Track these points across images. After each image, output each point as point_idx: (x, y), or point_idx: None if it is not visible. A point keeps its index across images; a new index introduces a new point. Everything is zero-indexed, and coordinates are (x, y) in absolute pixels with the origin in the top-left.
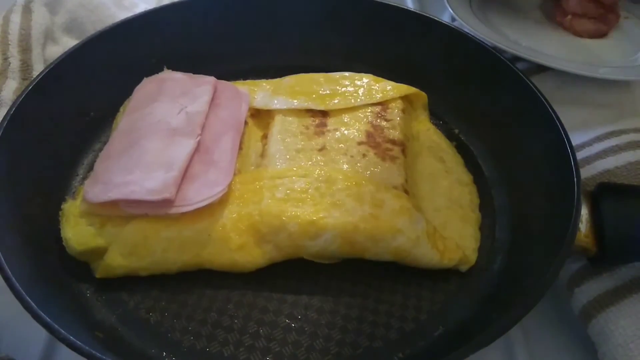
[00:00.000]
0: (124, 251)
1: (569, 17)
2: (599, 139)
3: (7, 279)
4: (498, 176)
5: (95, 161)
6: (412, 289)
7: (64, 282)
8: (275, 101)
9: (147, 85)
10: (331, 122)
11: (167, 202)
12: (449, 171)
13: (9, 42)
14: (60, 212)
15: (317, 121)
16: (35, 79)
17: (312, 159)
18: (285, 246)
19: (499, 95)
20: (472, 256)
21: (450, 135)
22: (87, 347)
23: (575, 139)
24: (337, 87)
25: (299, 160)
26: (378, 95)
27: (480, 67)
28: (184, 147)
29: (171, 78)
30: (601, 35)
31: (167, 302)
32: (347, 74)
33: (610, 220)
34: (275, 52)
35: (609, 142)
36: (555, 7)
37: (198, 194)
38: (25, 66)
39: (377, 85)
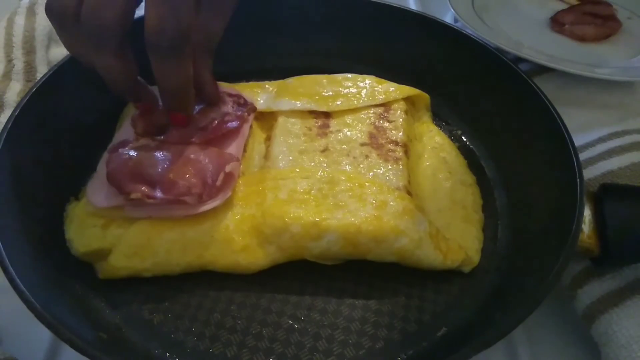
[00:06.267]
0: (128, 252)
1: (567, 25)
2: (602, 139)
3: (11, 280)
4: (501, 177)
5: (98, 162)
6: (415, 290)
7: (67, 283)
8: (278, 103)
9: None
10: (334, 123)
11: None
12: (452, 172)
13: (13, 45)
14: (64, 214)
15: (319, 122)
16: (39, 81)
17: (315, 160)
18: (288, 247)
19: (501, 97)
20: (475, 257)
21: (453, 137)
22: (91, 348)
23: (578, 139)
24: (340, 89)
25: (301, 162)
26: (380, 97)
27: (483, 68)
28: None
29: None
30: (603, 38)
31: (170, 303)
32: (349, 75)
33: (614, 221)
34: (278, 54)
35: (612, 143)
36: (552, 20)
37: None
38: (29, 68)
39: (380, 86)
